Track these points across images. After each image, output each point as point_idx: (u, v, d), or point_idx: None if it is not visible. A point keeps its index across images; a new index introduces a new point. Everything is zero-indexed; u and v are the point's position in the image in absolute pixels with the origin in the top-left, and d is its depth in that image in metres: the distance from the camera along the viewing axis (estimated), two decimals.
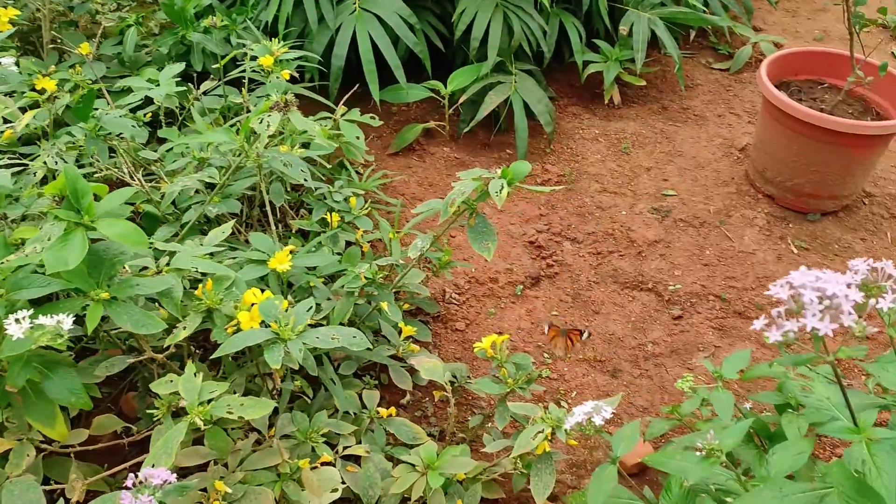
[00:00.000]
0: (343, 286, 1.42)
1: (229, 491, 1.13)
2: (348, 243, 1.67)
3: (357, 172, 1.97)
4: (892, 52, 3.11)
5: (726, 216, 2.12)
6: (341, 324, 1.39)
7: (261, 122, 1.38)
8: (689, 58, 2.90)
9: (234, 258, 1.38)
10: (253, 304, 1.16)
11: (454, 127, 2.38)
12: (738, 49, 2.91)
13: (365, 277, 1.42)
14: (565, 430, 1.08)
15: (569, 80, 2.64)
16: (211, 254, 1.32)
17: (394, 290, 1.64)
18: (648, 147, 2.39)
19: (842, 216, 2.15)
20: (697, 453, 0.91)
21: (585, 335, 1.69)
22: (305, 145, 1.74)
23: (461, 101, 2.24)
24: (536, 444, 1.10)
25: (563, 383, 1.65)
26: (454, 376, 1.53)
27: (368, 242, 1.72)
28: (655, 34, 2.47)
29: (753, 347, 1.76)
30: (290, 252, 1.34)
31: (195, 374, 1.11)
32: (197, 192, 1.61)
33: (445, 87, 2.24)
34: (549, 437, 1.11)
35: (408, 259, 1.49)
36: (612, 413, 0.99)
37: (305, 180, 1.47)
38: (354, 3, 2.15)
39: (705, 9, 2.64)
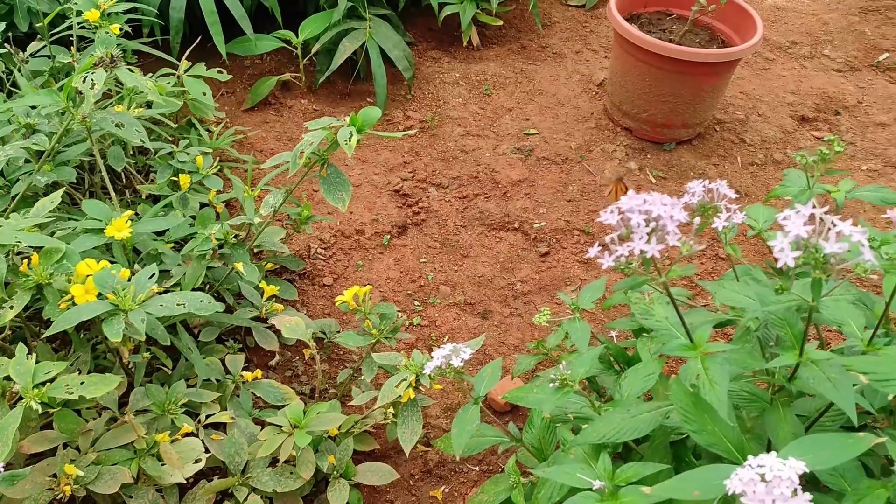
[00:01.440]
0: (193, 250, 1.34)
1: (81, 474, 1.06)
2: (203, 205, 1.58)
3: (208, 130, 1.86)
4: None
5: (587, 151, 2.16)
6: (194, 289, 1.32)
7: (84, 81, 1.27)
8: None
9: (67, 229, 1.27)
10: (88, 276, 1.07)
11: (311, 78, 2.29)
12: None
13: (216, 239, 1.35)
14: (428, 376, 1.07)
15: (427, 24, 2.59)
16: (40, 226, 1.22)
17: (253, 250, 1.57)
18: (509, 87, 2.39)
19: (696, 144, 2.24)
20: (551, 385, 0.92)
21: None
22: (149, 105, 1.63)
23: (315, 50, 2.15)
24: (400, 391, 1.09)
25: (434, 329, 1.65)
26: (322, 332, 1.50)
27: (223, 203, 1.63)
28: None
29: (617, 278, 1.82)
30: (131, 218, 1.25)
31: (28, 355, 1.02)
32: (27, 161, 1.47)
33: (297, 36, 2.14)
34: (413, 384, 1.11)
35: (264, 217, 1.43)
36: (477, 353, 0.99)
37: (142, 141, 1.37)
38: None
39: None
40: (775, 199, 1.78)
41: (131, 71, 1.45)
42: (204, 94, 1.79)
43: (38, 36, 1.83)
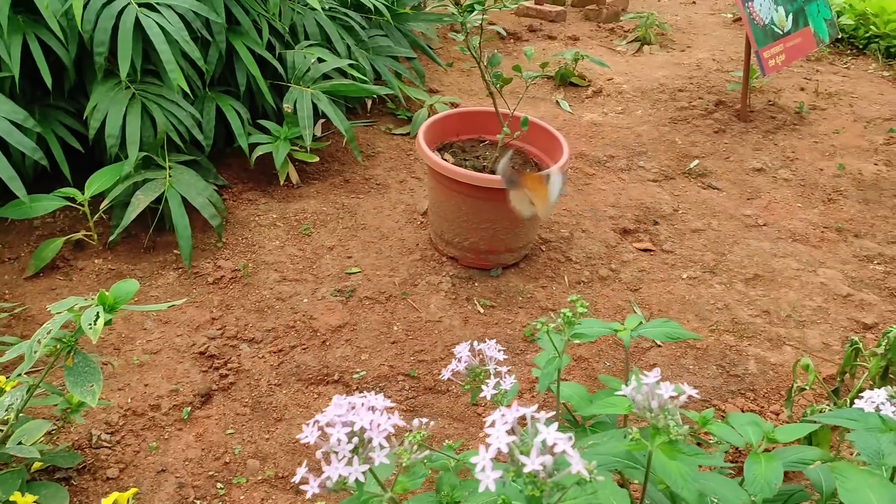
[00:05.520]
0: None
1: None
2: None
3: None
4: (557, 101, 3.38)
5: (412, 286, 2.07)
6: None
7: None
8: (369, 126, 2.90)
9: None
10: None
11: (108, 235, 2.10)
12: (415, 112, 2.97)
13: None
14: None
15: (242, 165, 2.49)
16: None
17: (2, 455, 1.33)
18: (331, 224, 2.30)
19: (523, 266, 2.20)
20: None
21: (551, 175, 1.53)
22: None
23: (104, 205, 1.98)
24: None
25: None
26: None
27: None
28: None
29: (446, 423, 1.69)
30: None
31: None
32: None
33: (83, 192, 1.97)
34: None
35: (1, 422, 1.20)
36: None
37: None
38: None
39: (367, 79, 2.65)
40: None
41: None
42: None
43: None
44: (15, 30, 1.96)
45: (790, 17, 3.13)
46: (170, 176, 2.07)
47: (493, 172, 2.11)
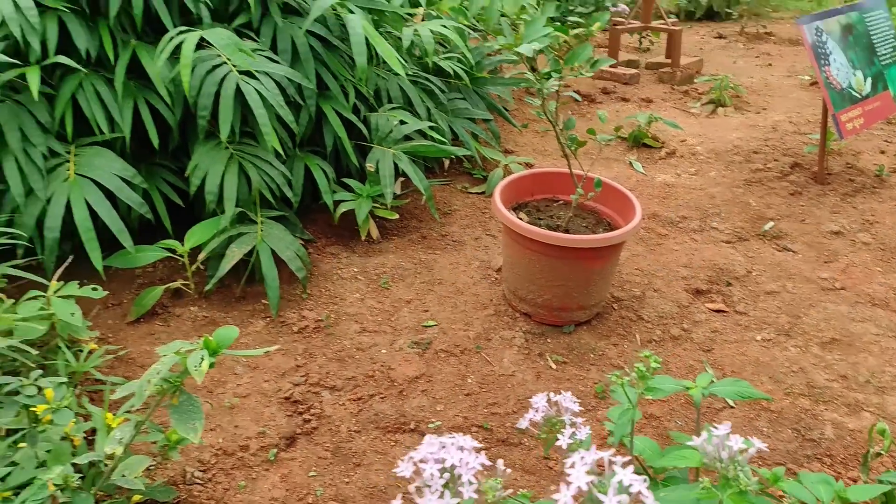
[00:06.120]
0: (26, 501, 1.21)
1: None
2: (64, 437, 1.46)
3: (79, 351, 1.77)
4: (630, 162, 3.43)
5: (486, 340, 2.13)
6: None
7: None
8: (446, 185, 3.02)
9: None
10: None
11: (203, 284, 2.25)
12: (491, 172, 3.07)
13: (53, 485, 1.23)
14: None
15: (326, 220, 2.63)
16: None
17: (111, 488, 1.44)
18: (409, 279, 2.39)
19: (594, 324, 2.23)
20: None
21: None
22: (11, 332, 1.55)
23: (201, 257, 2.13)
24: None
25: None
26: None
27: (83, 433, 1.51)
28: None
29: (518, 475, 1.72)
30: None
31: None
32: None
33: (183, 244, 2.13)
34: None
35: (111, 454, 1.31)
36: None
37: None
38: (69, 170, 2.01)
39: (446, 140, 2.77)
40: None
41: None
42: (73, 314, 1.72)
43: None
44: (128, 95, 2.16)
45: (869, 80, 3.12)
46: (261, 230, 2.22)
47: (566, 232, 2.17)
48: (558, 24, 1.80)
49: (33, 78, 1.89)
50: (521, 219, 2.18)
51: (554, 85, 1.97)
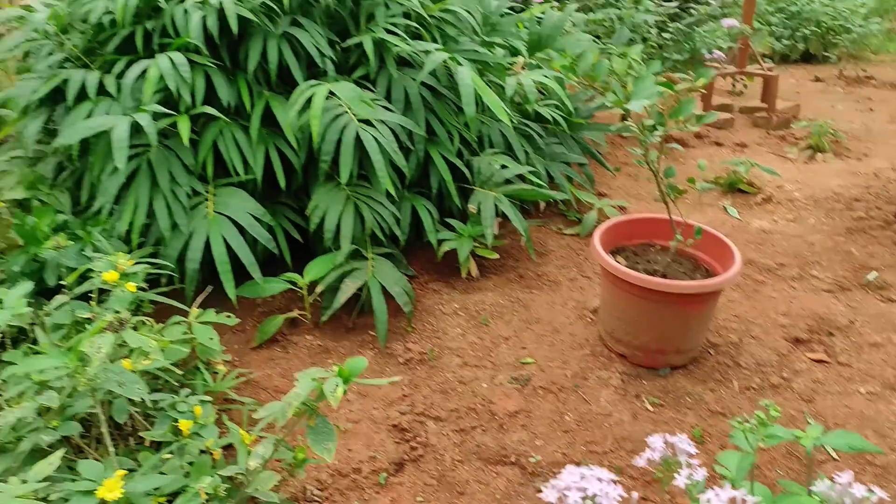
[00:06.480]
0: None
1: None
2: (203, 451, 1.63)
3: (214, 372, 1.95)
4: (724, 207, 3.45)
5: (583, 379, 2.21)
6: None
7: (93, 346, 1.38)
8: (542, 226, 3.12)
9: (62, 491, 1.31)
10: None
11: (317, 314, 2.42)
12: (585, 214, 3.16)
13: (206, 493, 1.38)
14: None
15: (429, 257, 2.77)
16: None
17: (245, 499, 1.59)
18: (506, 316, 2.50)
19: (691, 368, 2.27)
20: None
21: None
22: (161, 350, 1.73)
23: (318, 290, 2.30)
24: None
25: None
26: None
27: (221, 448, 1.68)
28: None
29: None
30: (124, 475, 1.29)
31: None
32: (39, 414, 1.55)
33: (303, 277, 2.30)
34: None
35: (253, 468, 1.46)
36: None
37: (142, 398, 1.45)
38: (208, 208, 2.22)
39: (544, 183, 2.88)
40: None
41: (144, 323, 1.57)
42: (211, 338, 1.91)
43: (64, 289, 2.00)
44: (261, 141, 2.38)
45: None
46: (372, 266, 2.38)
47: (664, 277, 2.23)
48: (663, 79, 1.89)
49: (184, 126, 2.12)
50: (618, 262, 2.25)
51: (657, 136, 2.06)
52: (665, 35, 3.96)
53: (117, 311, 1.59)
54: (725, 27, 4.21)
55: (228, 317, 2.00)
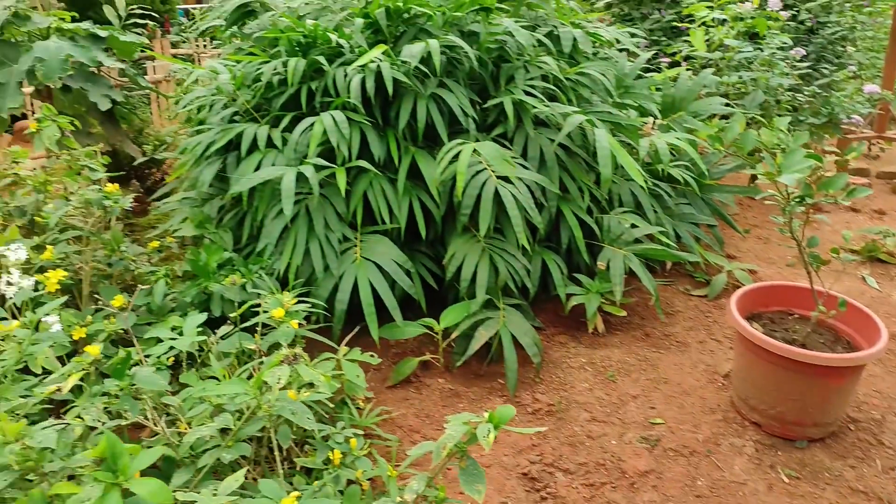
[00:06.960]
0: None
1: None
2: (350, 481, 1.74)
3: (357, 407, 2.07)
4: (863, 277, 3.33)
5: (715, 444, 2.18)
6: None
7: (272, 377, 1.53)
8: (668, 285, 3.12)
9: None
10: None
11: (449, 358, 2.52)
12: (713, 276, 3.14)
13: None
14: None
15: (555, 310, 2.82)
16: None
17: None
18: (634, 374, 2.51)
19: (829, 442, 2.21)
20: None
21: None
22: (312, 384, 1.87)
23: (454, 335, 2.40)
24: None
25: None
26: None
27: (368, 480, 1.78)
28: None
29: None
30: (297, 497, 1.41)
31: None
32: (212, 436, 1.71)
33: (439, 322, 2.41)
34: None
35: (407, 501, 1.55)
36: None
37: (312, 427, 1.58)
38: (356, 253, 2.38)
39: (673, 244, 2.89)
40: None
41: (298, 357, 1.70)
42: (357, 376, 2.03)
43: (227, 321, 2.19)
44: (405, 192, 2.53)
45: None
46: (503, 316, 2.46)
47: (804, 347, 2.20)
48: (811, 151, 1.90)
49: (341, 177, 2.31)
50: (755, 328, 2.24)
51: (802, 207, 2.05)
52: (800, 97, 3.91)
53: (285, 345, 1.74)
54: (866, 93, 4.11)
55: (372, 356, 2.12)
